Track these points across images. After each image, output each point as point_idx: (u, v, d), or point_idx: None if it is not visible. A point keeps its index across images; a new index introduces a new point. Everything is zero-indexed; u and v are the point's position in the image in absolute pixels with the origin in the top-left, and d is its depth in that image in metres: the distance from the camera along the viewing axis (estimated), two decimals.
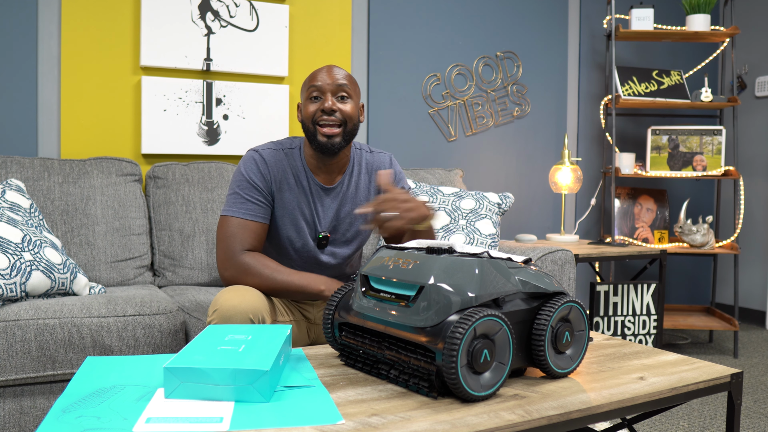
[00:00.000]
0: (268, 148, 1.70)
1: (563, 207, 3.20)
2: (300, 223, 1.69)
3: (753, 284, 3.90)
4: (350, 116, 1.65)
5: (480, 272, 1.10)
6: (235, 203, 1.64)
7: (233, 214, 1.63)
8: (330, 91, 1.63)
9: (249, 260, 1.59)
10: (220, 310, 1.44)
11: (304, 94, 1.67)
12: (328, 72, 1.65)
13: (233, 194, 1.66)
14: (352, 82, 1.68)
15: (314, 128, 1.63)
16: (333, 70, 1.65)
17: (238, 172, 1.67)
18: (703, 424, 2.26)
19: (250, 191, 1.64)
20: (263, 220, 1.66)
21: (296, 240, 1.70)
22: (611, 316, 2.84)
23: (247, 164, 1.67)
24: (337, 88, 1.63)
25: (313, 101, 1.64)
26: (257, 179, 1.65)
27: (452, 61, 3.25)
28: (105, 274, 2.25)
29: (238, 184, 1.66)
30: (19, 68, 2.42)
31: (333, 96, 1.63)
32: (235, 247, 1.60)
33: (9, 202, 1.98)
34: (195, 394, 1.02)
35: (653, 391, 1.14)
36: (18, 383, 1.70)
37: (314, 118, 1.63)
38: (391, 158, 1.84)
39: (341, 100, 1.64)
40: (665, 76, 3.46)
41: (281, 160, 1.69)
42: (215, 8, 2.68)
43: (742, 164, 3.94)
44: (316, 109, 1.63)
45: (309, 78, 1.67)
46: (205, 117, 2.67)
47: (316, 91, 1.63)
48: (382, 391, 1.11)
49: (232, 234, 1.62)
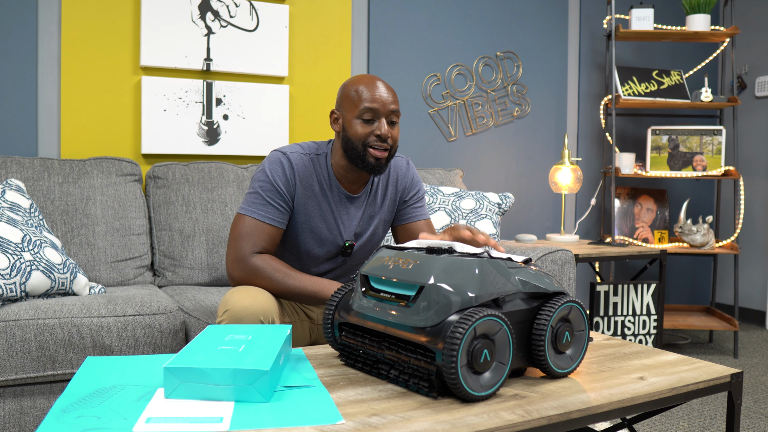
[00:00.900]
0: (296, 152, 1.65)
1: (563, 207, 3.20)
2: (320, 231, 1.68)
3: (753, 284, 3.90)
4: (396, 140, 1.64)
5: (480, 272, 1.10)
6: (255, 203, 1.61)
7: (251, 214, 1.60)
8: (384, 115, 1.60)
9: (260, 263, 1.57)
10: (231, 311, 1.44)
11: (351, 111, 1.61)
12: (381, 93, 1.60)
13: (254, 194, 1.62)
14: (398, 103, 1.65)
15: (364, 150, 1.60)
16: (385, 91, 1.61)
17: (263, 172, 1.63)
18: (703, 424, 2.26)
19: (273, 194, 1.61)
20: (280, 225, 1.63)
21: (314, 247, 1.69)
22: (611, 316, 2.84)
23: (272, 165, 1.63)
24: (391, 113, 1.61)
25: (366, 123, 1.60)
26: (281, 182, 1.61)
27: (452, 61, 3.25)
28: (105, 274, 2.25)
29: (261, 184, 1.62)
30: (19, 68, 2.42)
31: (386, 120, 1.61)
32: (246, 248, 1.58)
33: (9, 202, 1.98)
34: (195, 394, 1.02)
35: (653, 391, 1.14)
36: (18, 383, 1.70)
37: (366, 141, 1.60)
38: (408, 161, 1.83)
39: (391, 125, 1.63)
40: (665, 76, 3.46)
41: (307, 165, 1.65)
42: (215, 8, 2.68)
43: (742, 164, 3.94)
44: (370, 132, 1.59)
45: (358, 93, 1.61)
46: (205, 117, 2.67)
47: (369, 114, 1.59)
48: (382, 391, 1.11)
49: (247, 234, 1.59)
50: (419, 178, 1.84)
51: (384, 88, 1.61)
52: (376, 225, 1.76)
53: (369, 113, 1.59)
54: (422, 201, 1.84)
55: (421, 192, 1.83)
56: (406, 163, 1.82)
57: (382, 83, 1.62)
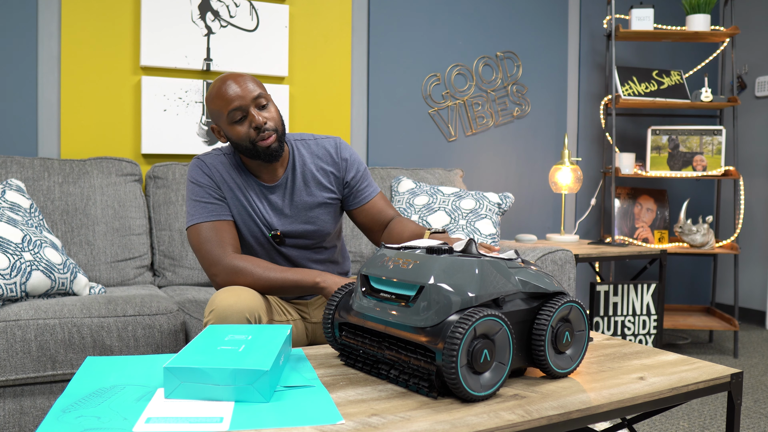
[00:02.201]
0: (209, 154, 1.69)
1: (563, 207, 3.20)
2: (248, 224, 1.68)
3: (753, 284, 3.90)
4: (276, 119, 1.63)
5: (480, 272, 1.10)
6: (196, 211, 1.62)
7: (199, 220, 1.61)
8: (250, 106, 1.59)
9: (237, 262, 1.57)
10: (217, 310, 1.44)
11: (222, 119, 1.61)
12: (234, 89, 1.58)
13: (190, 203, 1.64)
14: (260, 84, 1.63)
15: (253, 146, 1.60)
16: (239, 84, 1.59)
17: (188, 182, 1.66)
18: (703, 424, 2.26)
19: (204, 195, 1.63)
20: (229, 218, 1.64)
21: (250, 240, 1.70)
22: (611, 316, 2.84)
23: (192, 171, 1.66)
24: (254, 99, 1.59)
25: (239, 123, 1.59)
26: (205, 182, 1.64)
27: (452, 61, 3.25)
28: (105, 274, 2.25)
29: (191, 193, 1.64)
30: (19, 68, 2.42)
31: (255, 108, 1.60)
32: (216, 251, 1.58)
33: (9, 202, 1.98)
34: (195, 394, 1.02)
35: (653, 391, 1.14)
36: (18, 383, 1.70)
37: (250, 138, 1.59)
38: (337, 143, 1.78)
39: (262, 108, 1.61)
40: (665, 76, 3.46)
41: (224, 162, 1.68)
42: (215, 8, 2.68)
43: (742, 164, 3.94)
44: (247, 129, 1.59)
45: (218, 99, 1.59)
46: (205, 117, 2.67)
47: (237, 113, 1.58)
48: (382, 391, 1.11)
49: (207, 239, 1.59)
50: (356, 157, 1.79)
51: (235, 84, 1.59)
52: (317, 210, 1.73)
53: (236, 113, 1.59)
54: (366, 179, 1.80)
55: (362, 169, 1.79)
56: (334, 145, 1.77)
57: (232, 80, 1.60)
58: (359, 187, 1.78)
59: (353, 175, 1.77)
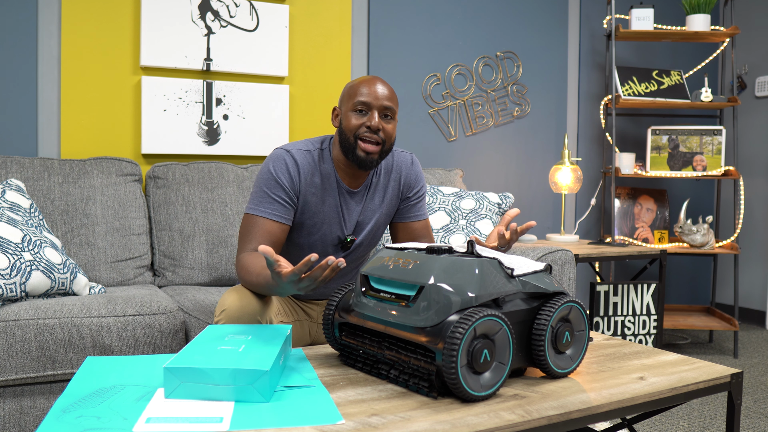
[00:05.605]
0: (299, 149, 1.67)
1: (563, 207, 3.20)
2: (322, 226, 1.69)
3: (753, 284, 3.90)
4: (390, 136, 1.64)
5: (480, 272, 1.10)
6: (261, 202, 1.62)
7: (257, 213, 1.61)
8: (377, 109, 1.61)
9: (242, 260, 1.55)
10: (228, 311, 1.44)
11: (347, 104, 1.65)
12: (376, 87, 1.63)
13: (260, 191, 1.62)
14: (396, 102, 1.67)
15: (354, 142, 1.61)
16: (381, 87, 1.63)
17: (266, 170, 1.64)
18: (703, 424, 2.26)
19: (277, 190, 1.62)
20: (284, 221, 1.63)
21: (317, 242, 1.70)
22: (611, 316, 2.84)
23: (276, 163, 1.64)
24: (384, 108, 1.62)
25: (358, 114, 1.62)
26: (285, 179, 1.62)
27: (452, 61, 3.25)
28: (105, 274, 2.25)
29: (265, 182, 1.63)
30: (19, 68, 2.42)
31: (379, 114, 1.62)
32: (242, 246, 1.59)
33: (9, 202, 1.98)
34: (195, 394, 1.02)
35: (653, 391, 1.14)
36: (18, 383, 1.70)
37: (357, 132, 1.61)
38: (413, 158, 1.83)
39: (385, 119, 1.63)
40: (665, 76, 3.46)
41: (310, 161, 1.67)
42: (215, 8, 2.68)
43: (742, 164, 3.94)
44: (361, 123, 1.61)
45: (354, 88, 1.64)
46: (205, 117, 2.67)
47: (362, 106, 1.61)
48: (382, 391, 1.11)
49: (246, 232, 1.60)
50: (423, 176, 1.84)
51: (380, 85, 1.64)
52: (377, 221, 1.76)
53: (362, 105, 1.62)
54: (423, 200, 1.84)
55: (423, 190, 1.84)
56: (410, 159, 1.82)
57: (380, 82, 1.65)
58: (415, 204, 1.82)
59: (416, 192, 1.81)
